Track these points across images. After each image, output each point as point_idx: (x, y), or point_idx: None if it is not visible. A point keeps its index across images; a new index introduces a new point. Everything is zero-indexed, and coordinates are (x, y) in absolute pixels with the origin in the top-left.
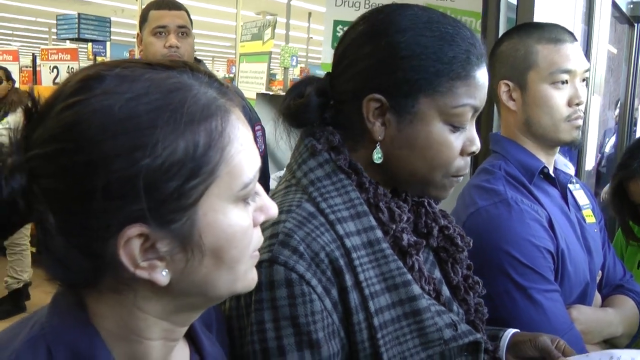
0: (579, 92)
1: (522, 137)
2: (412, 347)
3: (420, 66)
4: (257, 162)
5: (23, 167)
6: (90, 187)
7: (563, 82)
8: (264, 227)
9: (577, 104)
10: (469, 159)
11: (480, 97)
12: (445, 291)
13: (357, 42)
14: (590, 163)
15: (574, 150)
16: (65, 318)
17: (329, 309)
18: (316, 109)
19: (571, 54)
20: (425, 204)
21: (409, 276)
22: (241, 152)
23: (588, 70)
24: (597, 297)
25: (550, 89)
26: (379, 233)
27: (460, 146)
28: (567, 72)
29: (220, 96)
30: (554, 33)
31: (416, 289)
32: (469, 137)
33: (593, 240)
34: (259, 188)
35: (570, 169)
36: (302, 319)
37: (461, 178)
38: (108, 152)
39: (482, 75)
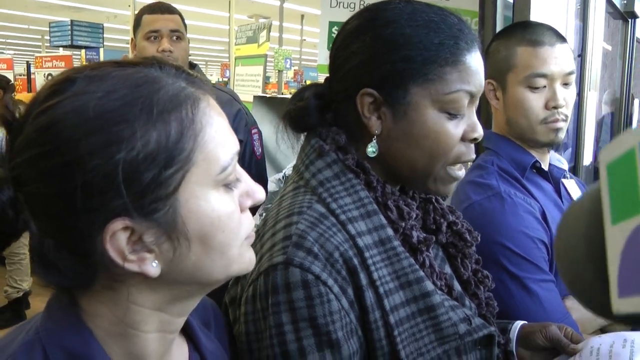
0: (557, 95)
1: (508, 135)
2: (428, 342)
3: (407, 56)
4: (234, 147)
5: (8, 178)
6: (70, 187)
7: (538, 87)
8: (276, 229)
9: (555, 107)
10: (472, 145)
11: (475, 83)
12: (457, 286)
13: (346, 42)
14: (588, 158)
15: (561, 148)
16: (59, 320)
17: (346, 308)
18: (315, 112)
19: (550, 57)
20: (433, 200)
21: (422, 273)
22: (215, 138)
23: (571, 73)
24: None
25: (526, 92)
26: (390, 231)
27: (460, 134)
28: (543, 76)
29: (189, 85)
30: (535, 34)
31: (429, 285)
32: (470, 124)
33: None
34: (243, 173)
35: (564, 164)
36: (321, 319)
37: (463, 172)
38: (83, 151)
39: (474, 60)
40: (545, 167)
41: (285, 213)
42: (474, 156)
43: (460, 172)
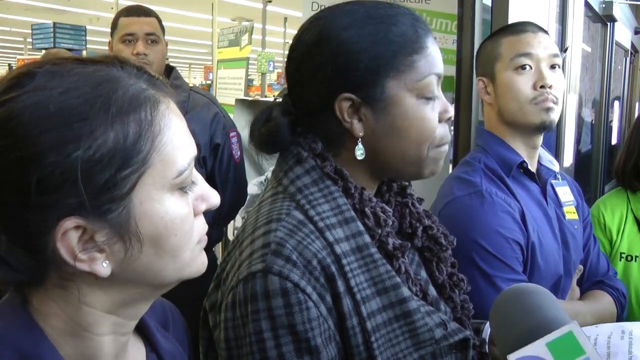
0: (543, 74)
1: (501, 128)
2: (404, 348)
3: (376, 53)
4: (191, 151)
5: None
6: (25, 182)
7: (524, 67)
8: (255, 236)
9: (542, 87)
10: (447, 125)
11: (439, 65)
12: (432, 291)
13: (309, 55)
14: (568, 160)
15: (549, 132)
16: (9, 320)
17: (324, 315)
18: (287, 128)
19: (532, 40)
20: (409, 204)
21: (398, 279)
22: (173, 141)
23: (556, 55)
24: (576, 290)
25: (513, 75)
26: (367, 238)
27: (437, 116)
28: (527, 55)
29: (150, 87)
30: (519, 26)
31: (405, 291)
32: (441, 105)
33: (572, 236)
34: (198, 177)
35: (555, 166)
36: (300, 326)
37: (446, 147)
38: (40, 147)
39: (433, 43)
40: (532, 168)
41: (264, 220)
42: (450, 136)
43: (445, 147)
